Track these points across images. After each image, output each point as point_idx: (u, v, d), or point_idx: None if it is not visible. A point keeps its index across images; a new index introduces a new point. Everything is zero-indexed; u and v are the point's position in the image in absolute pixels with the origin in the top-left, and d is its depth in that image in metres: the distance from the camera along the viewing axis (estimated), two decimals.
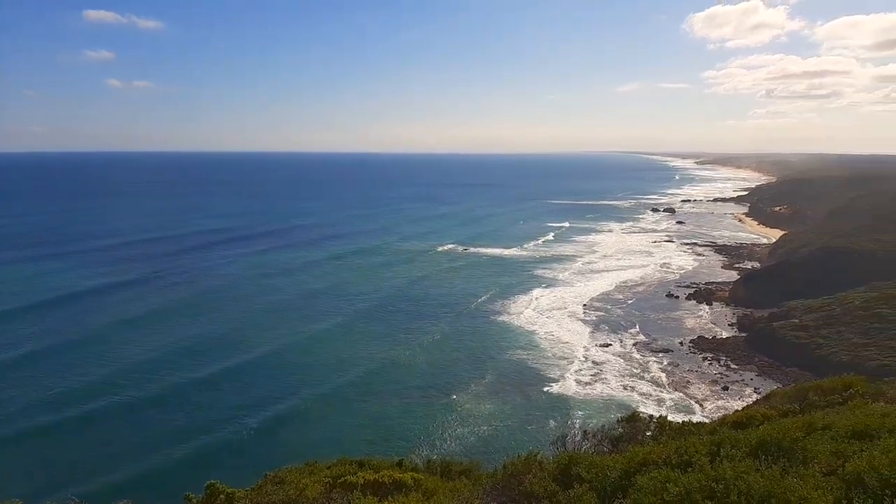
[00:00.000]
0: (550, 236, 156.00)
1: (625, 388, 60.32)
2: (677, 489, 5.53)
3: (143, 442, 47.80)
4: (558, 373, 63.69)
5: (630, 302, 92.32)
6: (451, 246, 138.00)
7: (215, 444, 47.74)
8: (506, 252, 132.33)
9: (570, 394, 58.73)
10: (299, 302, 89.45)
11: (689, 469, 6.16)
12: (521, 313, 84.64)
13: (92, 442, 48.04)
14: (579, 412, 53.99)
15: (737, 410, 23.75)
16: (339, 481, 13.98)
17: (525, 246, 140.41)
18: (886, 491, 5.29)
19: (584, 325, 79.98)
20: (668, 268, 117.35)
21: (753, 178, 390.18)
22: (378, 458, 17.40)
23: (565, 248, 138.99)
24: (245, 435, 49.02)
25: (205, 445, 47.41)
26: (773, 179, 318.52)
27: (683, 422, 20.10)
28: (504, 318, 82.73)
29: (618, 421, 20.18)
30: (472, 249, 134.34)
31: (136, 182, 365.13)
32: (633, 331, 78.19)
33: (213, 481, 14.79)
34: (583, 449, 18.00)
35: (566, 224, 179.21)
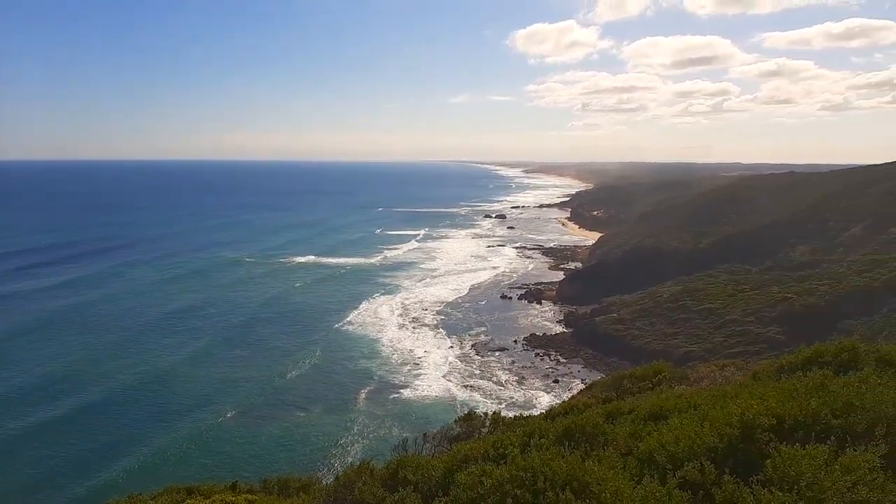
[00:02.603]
0: (398, 244, 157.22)
1: (466, 387, 62.29)
2: (491, 481, 5.86)
3: None
4: (402, 379, 64.35)
5: (468, 305, 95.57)
6: (308, 258, 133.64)
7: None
8: (355, 261, 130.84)
9: (414, 398, 59.58)
10: (153, 326, 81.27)
11: (503, 461, 6.54)
12: (366, 323, 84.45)
13: None
14: (423, 415, 54.86)
15: (563, 401, 25.43)
16: None
17: (372, 255, 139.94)
18: (669, 466, 5.99)
19: (427, 330, 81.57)
20: (501, 271, 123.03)
21: (574, 185, 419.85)
22: (210, 483, 16.46)
23: (411, 255, 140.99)
24: (87, 487, 43.45)
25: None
26: (591, 186, 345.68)
27: (515, 416, 21.18)
28: (350, 328, 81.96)
29: (455, 421, 20.79)
30: (329, 260, 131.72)
31: None
32: (472, 332, 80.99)
33: None
34: (424, 451, 18.34)
35: (411, 231, 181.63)
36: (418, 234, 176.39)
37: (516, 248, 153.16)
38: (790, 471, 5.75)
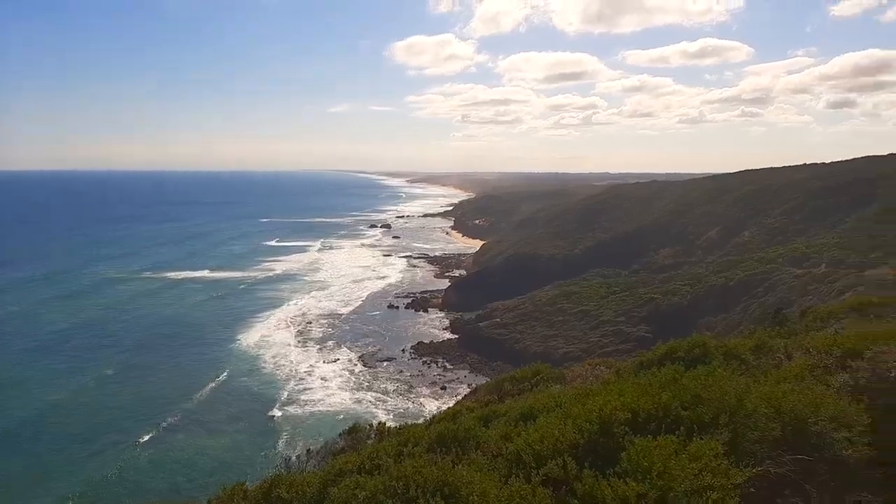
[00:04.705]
0: (286, 256, 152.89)
1: (354, 400, 61.67)
2: (364, 493, 5.92)
3: None
4: (286, 395, 62.70)
5: (356, 316, 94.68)
6: (199, 273, 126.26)
7: None
8: (243, 275, 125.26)
9: (300, 414, 58.25)
10: (39, 352, 73.31)
11: (378, 472, 6.62)
12: (259, 339, 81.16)
13: None
14: (309, 431, 53.68)
15: (448, 407, 25.79)
16: None
17: (261, 268, 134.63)
18: (533, 464, 6.32)
19: (317, 343, 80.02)
20: (389, 280, 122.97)
21: (457, 195, 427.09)
22: None
23: (300, 268, 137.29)
24: None
25: None
26: (474, 195, 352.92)
27: (401, 426, 21.22)
28: (244, 345, 78.47)
29: (340, 434, 20.53)
30: (219, 275, 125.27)
31: None
32: (359, 343, 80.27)
33: None
34: (308, 467, 17.98)
35: (299, 243, 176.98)
36: (306, 246, 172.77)
37: (403, 257, 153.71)
38: (643, 461, 6.22)
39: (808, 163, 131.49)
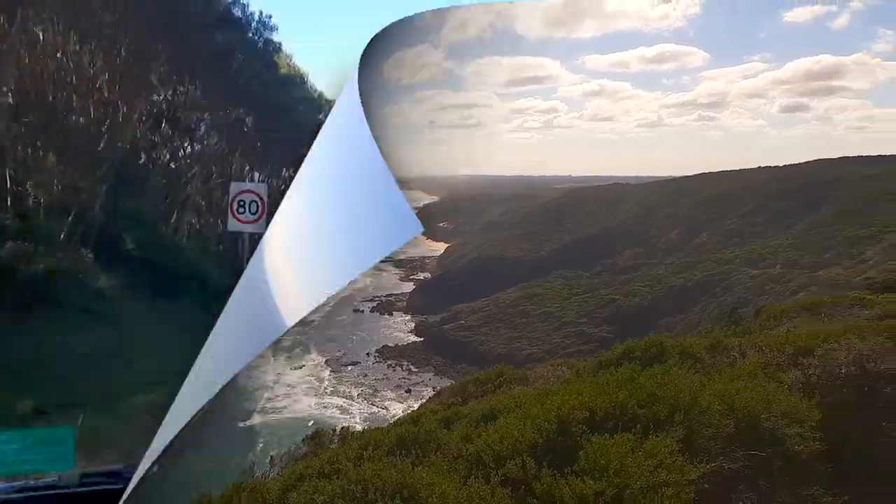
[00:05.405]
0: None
1: (319, 406, 61.11)
2: (323, 498, 5.92)
3: None
4: (252, 404, 61.67)
5: (319, 321, 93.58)
6: None
7: None
8: None
9: (266, 421, 57.36)
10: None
11: (336, 476, 6.62)
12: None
13: None
14: (273, 438, 52.88)
15: (413, 410, 25.78)
16: None
17: None
18: (493, 465, 6.39)
19: (278, 350, 78.87)
20: (352, 284, 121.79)
21: (423, 198, 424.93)
22: None
23: None
24: None
25: None
26: (438, 199, 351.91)
27: (364, 429, 21.12)
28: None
29: (303, 440, 20.37)
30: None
31: None
32: (323, 348, 79.45)
33: None
34: (272, 474, 17.79)
35: None
36: None
37: None
38: (600, 459, 6.33)
39: (762, 166, 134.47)
